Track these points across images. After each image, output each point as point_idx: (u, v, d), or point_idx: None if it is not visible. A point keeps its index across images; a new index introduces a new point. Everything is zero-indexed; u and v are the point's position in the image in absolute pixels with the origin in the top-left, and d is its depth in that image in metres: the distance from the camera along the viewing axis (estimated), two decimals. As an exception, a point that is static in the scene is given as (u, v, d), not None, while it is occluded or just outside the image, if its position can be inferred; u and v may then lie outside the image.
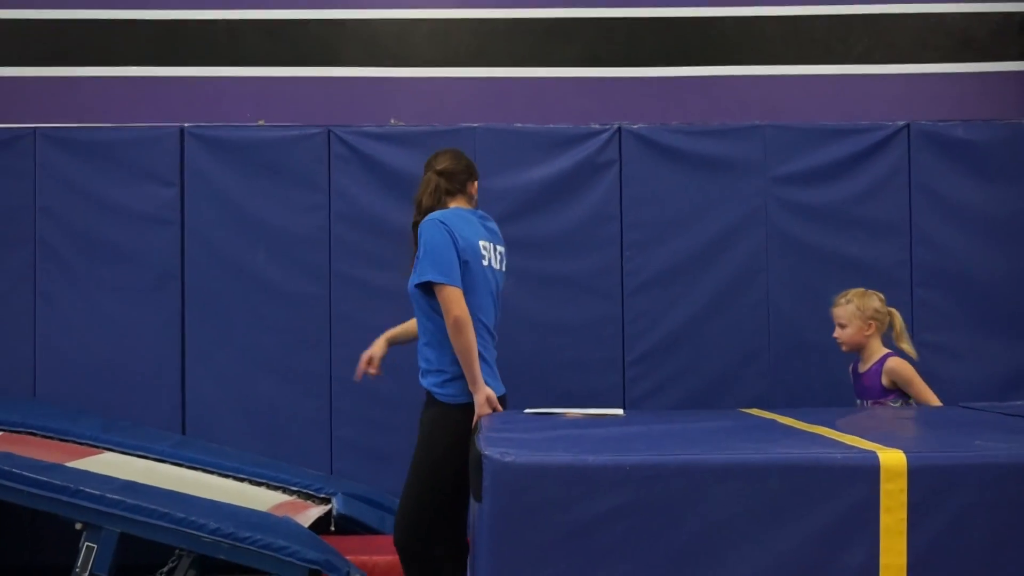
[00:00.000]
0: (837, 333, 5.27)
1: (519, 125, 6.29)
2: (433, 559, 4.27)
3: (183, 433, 6.08)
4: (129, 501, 4.65)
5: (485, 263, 4.40)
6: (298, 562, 4.52)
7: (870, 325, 5.20)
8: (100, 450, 5.57)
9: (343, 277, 6.14)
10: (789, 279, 6.16)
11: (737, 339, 6.16)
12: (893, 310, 5.31)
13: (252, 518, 4.86)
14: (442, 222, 4.32)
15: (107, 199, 6.17)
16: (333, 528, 5.44)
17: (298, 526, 4.97)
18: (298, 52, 7.03)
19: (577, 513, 3.18)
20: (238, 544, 4.54)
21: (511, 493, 3.19)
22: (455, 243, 4.28)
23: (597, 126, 6.24)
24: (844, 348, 5.28)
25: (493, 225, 4.64)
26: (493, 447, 3.26)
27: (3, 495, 4.77)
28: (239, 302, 6.13)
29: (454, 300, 4.21)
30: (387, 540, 5.34)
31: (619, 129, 6.21)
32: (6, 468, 4.75)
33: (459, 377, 4.28)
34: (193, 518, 4.60)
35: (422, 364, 4.43)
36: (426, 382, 4.41)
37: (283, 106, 6.94)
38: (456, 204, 4.51)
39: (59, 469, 4.95)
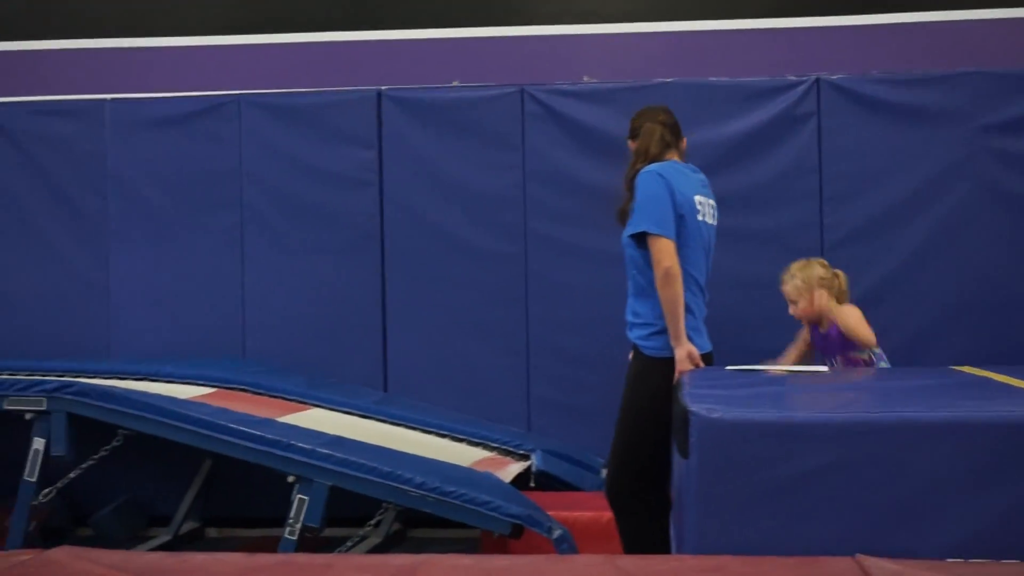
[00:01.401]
0: (791, 310, 5.27)
1: (713, 79, 6.20)
2: (642, 511, 4.28)
3: (385, 390, 6.23)
4: (338, 455, 4.78)
5: (700, 218, 4.38)
6: (501, 516, 4.57)
7: (820, 295, 5.20)
8: (307, 406, 5.74)
9: (538, 235, 6.17)
10: (998, 231, 5.92)
11: (942, 294, 5.96)
12: (839, 272, 5.28)
13: (456, 473, 4.94)
14: (660, 175, 4.30)
15: (308, 162, 6.33)
16: (533, 484, 5.50)
17: (500, 481, 5.04)
18: (491, 12, 7.06)
19: (785, 470, 3.13)
20: (443, 498, 4.62)
21: (718, 449, 3.16)
22: (672, 196, 4.27)
23: (794, 78, 6.09)
24: (805, 323, 5.29)
25: (704, 178, 4.61)
26: (699, 403, 3.24)
27: (221, 448, 4.97)
28: (437, 261, 6.23)
29: (666, 252, 4.20)
30: (587, 496, 5.38)
31: (817, 80, 6.05)
32: (223, 423, 4.95)
33: (665, 331, 4.27)
34: (400, 472, 4.70)
35: (629, 317, 4.44)
36: (633, 335, 4.41)
37: (477, 66, 6.99)
38: (670, 157, 4.49)
39: (271, 424, 5.13)
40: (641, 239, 4.31)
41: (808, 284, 5.21)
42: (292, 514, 4.73)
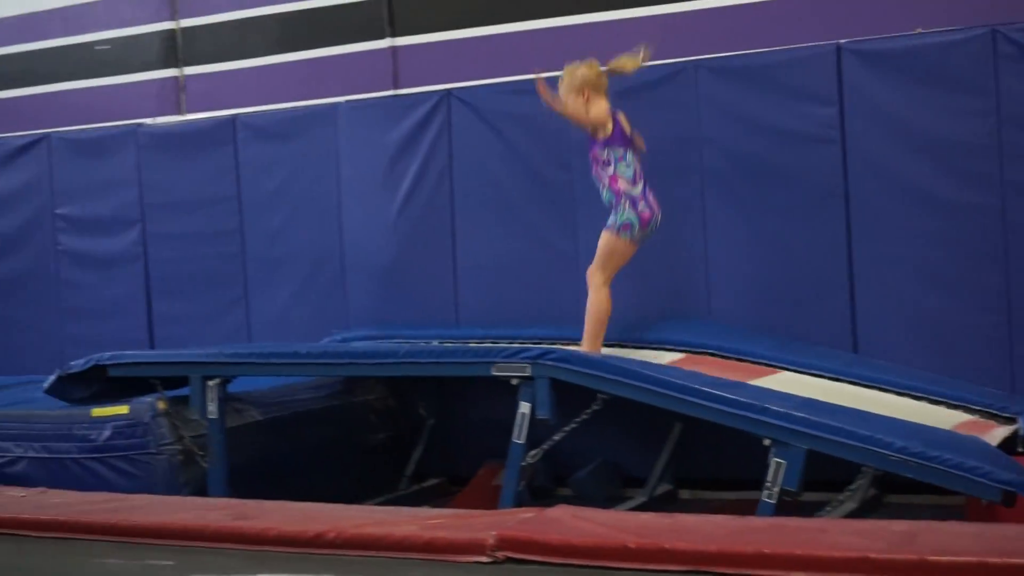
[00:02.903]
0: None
1: None
2: None
3: (854, 351, 6.08)
4: (813, 418, 4.71)
5: None
6: (991, 483, 4.33)
7: (583, 92, 5.65)
8: (777, 369, 5.71)
9: (1018, 185, 5.79)
10: None
11: None
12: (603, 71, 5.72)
13: (937, 436, 4.75)
14: None
15: (767, 123, 6.26)
16: (1021, 449, 5.18)
17: (987, 445, 4.80)
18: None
19: None
20: (926, 463, 4.44)
21: None
22: None
23: None
24: (573, 122, 5.77)
25: None
26: None
27: (696, 412, 5.00)
28: (905, 216, 6.00)
29: None
30: (1084, 462, 5.01)
31: None
32: (696, 386, 5.00)
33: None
34: (878, 436, 4.56)
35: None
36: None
37: (941, 10, 6.63)
38: None
39: (743, 387, 5.14)
40: None
41: (572, 83, 5.65)
42: (770, 477, 4.69)
